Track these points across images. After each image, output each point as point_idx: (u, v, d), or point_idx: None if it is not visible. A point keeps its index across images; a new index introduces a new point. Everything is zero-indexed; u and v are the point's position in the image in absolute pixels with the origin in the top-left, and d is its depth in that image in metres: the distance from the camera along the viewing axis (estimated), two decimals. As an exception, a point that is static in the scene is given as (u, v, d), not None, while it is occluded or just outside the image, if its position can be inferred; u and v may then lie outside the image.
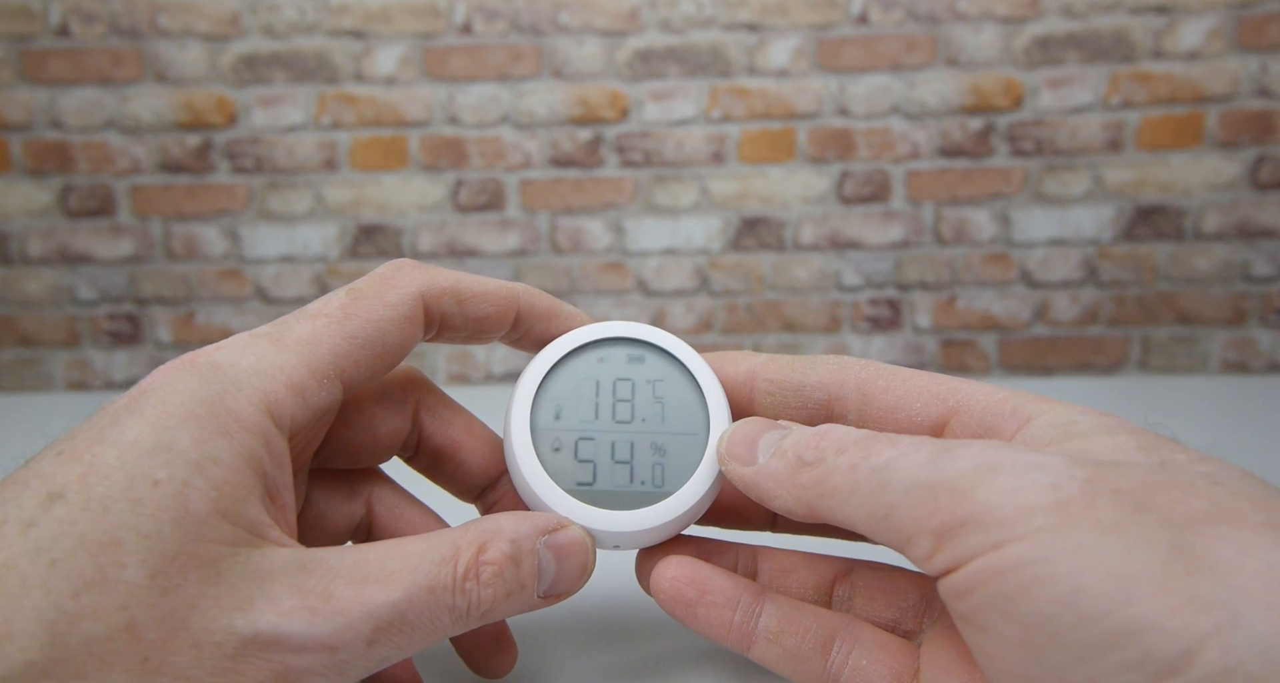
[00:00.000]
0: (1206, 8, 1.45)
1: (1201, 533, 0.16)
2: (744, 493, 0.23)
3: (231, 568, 0.17)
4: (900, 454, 0.19)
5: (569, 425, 0.24)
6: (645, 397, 0.25)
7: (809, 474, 0.21)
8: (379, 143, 1.53)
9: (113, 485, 0.17)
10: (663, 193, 1.54)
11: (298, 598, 0.18)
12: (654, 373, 0.25)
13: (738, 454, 0.23)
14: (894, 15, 1.48)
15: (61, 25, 1.49)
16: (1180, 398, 0.73)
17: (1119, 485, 0.17)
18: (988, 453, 0.18)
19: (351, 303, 0.22)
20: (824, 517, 0.21)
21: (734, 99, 1.51)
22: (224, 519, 0.18)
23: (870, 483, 0.19)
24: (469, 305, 0.24)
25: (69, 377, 1.58)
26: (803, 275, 1.56)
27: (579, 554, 0.22)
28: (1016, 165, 1.51)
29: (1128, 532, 0.16)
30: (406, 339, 0.23)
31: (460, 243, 1.56)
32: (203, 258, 1.56)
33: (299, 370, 0.21)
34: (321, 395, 0.21)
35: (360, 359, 0.22)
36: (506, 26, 1.50)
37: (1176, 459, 0.18)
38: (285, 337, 0.21)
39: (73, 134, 1.52)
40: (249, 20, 1.49)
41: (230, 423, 0.19)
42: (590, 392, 0.25)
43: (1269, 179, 1.48)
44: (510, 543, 0.21)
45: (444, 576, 0.19)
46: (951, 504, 0.17)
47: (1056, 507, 0.16)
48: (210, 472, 0.18)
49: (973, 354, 1.57)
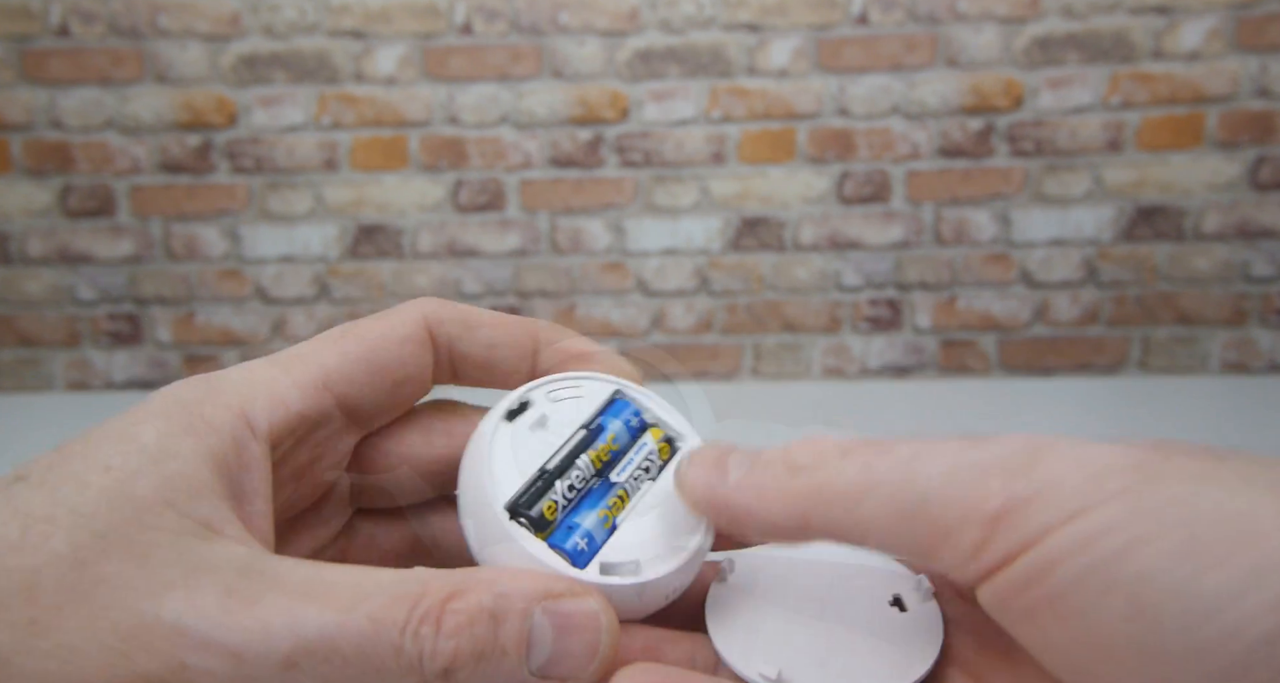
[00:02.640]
0: (1206, 8, 1.45)
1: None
2: (714, 520, 0.20)
3: (164, 555, 0.17)
4: (925, 447, 0.17)
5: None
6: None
7: (807, 481, 0.18)
8: (379, 143, 1.53)
9: (69, 470, 0.17)
10: (663, 193, 1.54)
11: (219, 595, 0.16)
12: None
13: (704, 476, 0.20)
14: (894, 15, 1.48)
15: (61, 25, 1.49)
16: (1180, 398, 0.73)
17: (1185, 448, 0.16)
18: (1030, 437, 0.16)
19: (351, 324, 0.23)
20: (822, 528, 0.18)
21: (734, 99, 1.51)
22: (170, 508, 0.17)
23: (892, 478, 0.17)
24: (478, 332, 0.23)
25: (69, 377, 1.58)
26: (803, 275, 1.56)
27: (587, 631, 0.18)
28: (1016, 165, 1.51)
29: (1221, 477, 0.15)
30: (407, 358, 0.22)
31: (460, 243, 1.56)
32: (203, 258, 1.56)
33: (281, 381, 0.21)
34: (305, 403, 0.21)
35: (352, 372, 0.22)
36: (506, 27, 1.50)
37: (1199, 447, 0.18)
38: (280, 356, 0.22)
39: (73, 134, 1.52)
40: (249, 20, 1.49)
41: (199, 423, 0.19)
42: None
43: (1269, 179, 1.48)
44: (495, 597, 0.17)
45: (396, 612, 0.17)
46: (1005, 484, 0.16)
47: (1133, 467, 0.15)
48: (165, 464, 0.18)
49: (973, 354, 1.57)
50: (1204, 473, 0.15)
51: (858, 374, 1.59)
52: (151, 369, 1.58)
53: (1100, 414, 1.31)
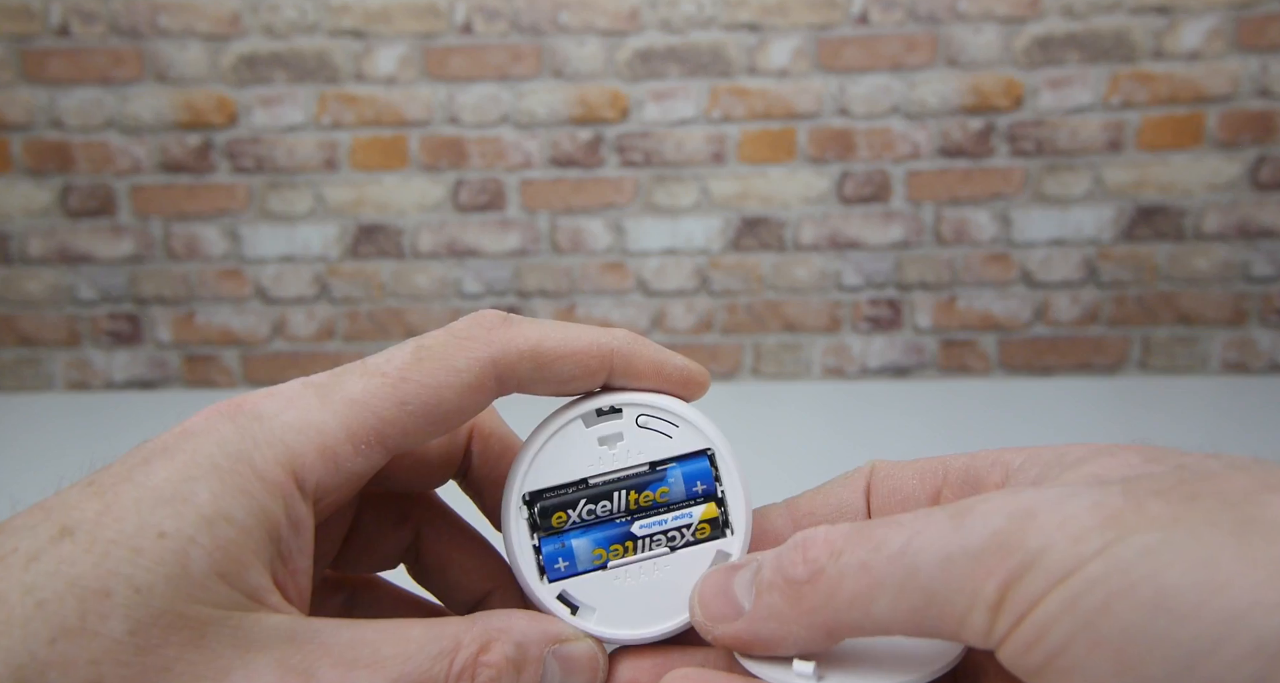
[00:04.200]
0: (1206, 8, 1.45)
1: (1262, 503, 0.15)
2: (744, 654, 0.20)
3: (217, 634, 0.17)
4: (914, 533, 0.17)
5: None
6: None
7: (813, 595, 0.18)
8: (379, 143, 1.53)
9: (121, 530, 0.17)
10: (663, 193, 1.54)
11: (277, 674, 0.17)
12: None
13: (718, 613, 0.20)
14: (894, 15, 1.48)
15: (62, 25, 1.49)
16: (1180, 398, 0.73)
17: (1157, 488, 0.16)
18: (1010, 501, 0.17)
19: (413, 364, 0.20)
20: (848, 634, 0.18)
21: (734, 99, 1.51)
22: (222, 581, 0.17)
23: (894, 576, 0.17)
24: (551, 369, 0.22)
25: (69, 377, 1.58)
26: (803, 275, 1.56)
27: (587, 671, 0.21)
28: (1016, 165, 1.51)
29: (1189, 521, 0.15)
30: (467, 407, 0.21)
31: (460, 243, 1.56)
32: (203, 258, 1.56)
33: (336, 435, 0.19)
34: (357, 462, 0.20)
35: (409, 427, 0.20)
36: (506, 26, 1.50)
37: (1187, 461, 0.18)
38: (334, 393, 0.20)
39: (73, 134, 1.52)
40: (249, 20, 1.49)
41: (252, 481, 0.18)
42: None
43: (1269, 179, 1.48)
44: (516, 646, 0.20)
45: (438, 671, 0.18)
46: (1000, 563, 0.16)
47: (1108, 522, 0.15)
48: (219, 530, 0.17)
49: (973, 354, 1.57)
50: (1173, 518, 0.15)
51: (858, 374, 1.59)
52: (151, 369, 1.58)
53: (1100, 414, 1.31)
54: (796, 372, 1.59)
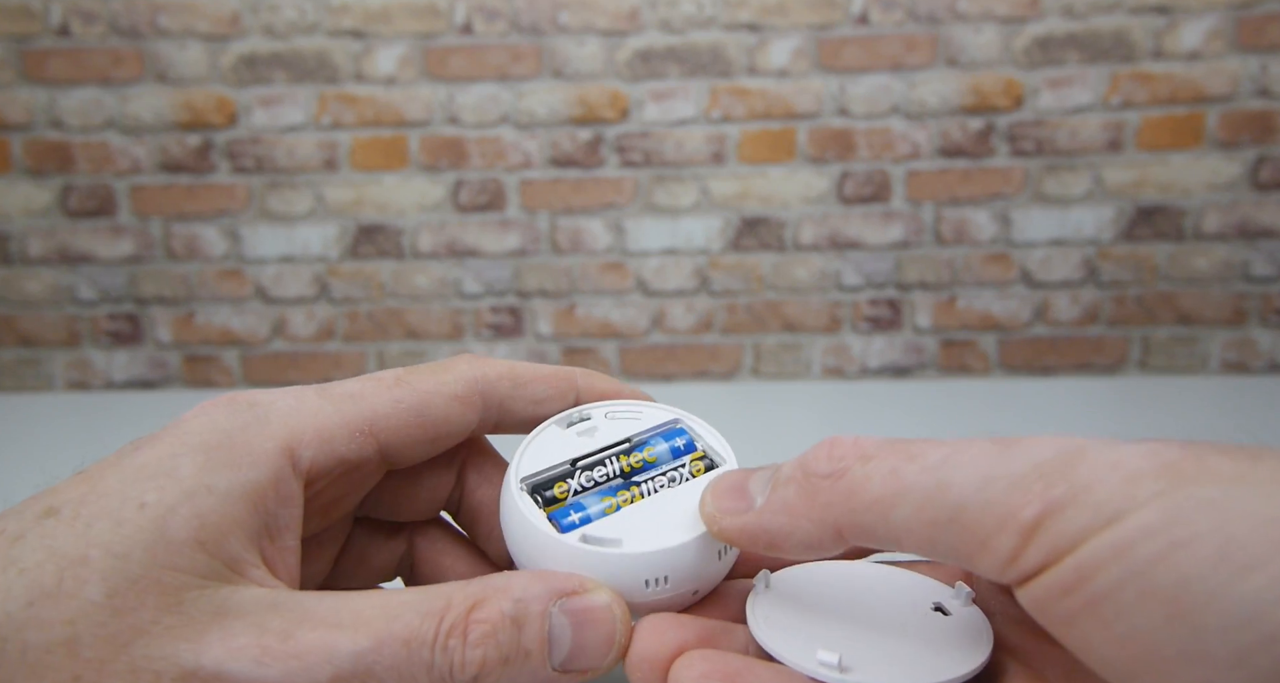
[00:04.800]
0: (1206, 8, 1.45)
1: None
2: (748, 548, 0.20)
3: (195, 599, 0.17)
4: (954, 450, 0.17)
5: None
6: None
7: (831, 491, 0.18)
8: (379, 143, 1.53)
9: (104, 506, 0.17)
10: (663, 193, 1.54)
11: (253, 636, 0.17)
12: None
13: (729, 506, 0.20)
14: (894, 15, 1.48)
15: (62, 25, 1.49)
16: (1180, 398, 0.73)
17: (1217, 447, 0.15)
18: (1062, 440, 0.16)
19: (406, 374, 0.23)
20: (856, 538, 0.18)
21: (734, 99, 1.51)
22: (201, 549, 0.17)
23: (923, 485, 0.17)
24: (528, 388, 0.24)
25: (69, 377, 1.58)
26: (803, 275, 1.56)
27: (603, 623, 0.19)
28: (1016, 165, 1.51)
29: (1254, 479, 0.14)
30: (454, 415, 0.23)
31: (460, 243, 1.56)
32: (203, 258, 1.56)
33: (331, 419, 0.21)
34: (350, 446, 0.21)
35: (399, 423, 0.22)
36: (506, 26, 1.50)
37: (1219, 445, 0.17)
38: (333, 390, 0.22)
39: (73, 134, 1.52)
40: (249, 20, 1.49)
41: (241, 456, 0.19)
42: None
43: (1269, 179, 1.48)
44: (514, 602, 0.18)
45: (425, 629, 0.17)
46: (1043, 489, 0.15)
47: (1165, 469, 0.15)
48: (200, 500, 0.18)
49: (973, 354, 1.57)
50: (1238, 474, 0.15)
51: (858, 374, 1.59)
52: (151, 369, 1.58)
53: (1100, 414, 1.31)
54: (796, 372, 1.59)
